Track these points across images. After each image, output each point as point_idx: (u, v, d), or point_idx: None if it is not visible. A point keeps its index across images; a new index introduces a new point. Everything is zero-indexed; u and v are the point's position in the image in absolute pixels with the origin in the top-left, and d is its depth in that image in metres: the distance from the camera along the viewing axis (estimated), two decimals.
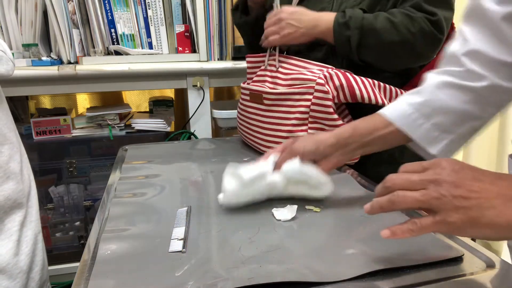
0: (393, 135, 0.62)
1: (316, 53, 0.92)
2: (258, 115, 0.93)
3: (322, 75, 0.81)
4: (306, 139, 0.68)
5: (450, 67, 0.59)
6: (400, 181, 0.45)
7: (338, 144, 0.65)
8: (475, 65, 0.56)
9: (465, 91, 0.58)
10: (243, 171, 0.63)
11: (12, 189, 0.73)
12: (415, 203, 0.43)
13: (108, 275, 0.48)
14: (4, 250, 0.71)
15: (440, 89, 0.59)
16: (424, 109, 0.60)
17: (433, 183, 0.42)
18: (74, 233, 1.53)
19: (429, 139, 0.60)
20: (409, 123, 0.61)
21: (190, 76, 1.43)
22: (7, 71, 0.73)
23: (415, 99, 0.61)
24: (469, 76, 0.57)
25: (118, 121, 1.49)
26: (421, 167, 0.45)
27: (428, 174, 0.43)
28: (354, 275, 0.46)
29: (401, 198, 0.44)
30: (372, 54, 0.83)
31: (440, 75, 0.60)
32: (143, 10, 1.42)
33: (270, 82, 0.91)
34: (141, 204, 0.70)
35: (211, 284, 0.45)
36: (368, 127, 0.64)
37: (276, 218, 0.62)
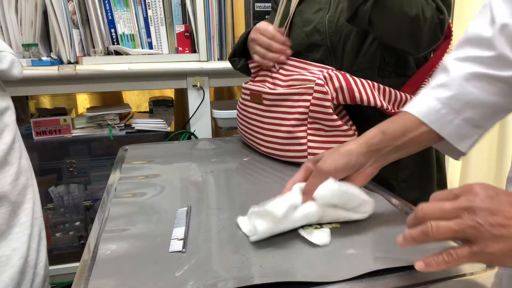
0: (424, 135, 0.57)
1: (314, 54, 0.92)
2: (258, 115, 0.93)
3: (322, 76, 0.81)
4: (331, 154, 0.60)
5: (477, 51, 0.55)
6: (432, 211, 0.42)
7: (370, 151, 0.59)
8: (506, 47, 0.52)
9: (495, 81, 0.54)
10: (273, 207, 0.54)
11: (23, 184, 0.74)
12: (450, 234, 0.40)
13: (108, 275, 0.48)
14: (18, 244, 0.72)
15: (468, 81, 0.54)
16: (454, 104, 0.55)
17: (467, 210, 0.39)
18: (74, 233, 1.53)
19: (459, 135, 0.56)
20: (439, 119, 0.55)
21: (190, 76, 1.44)
22: (19, 73, 0.77)
23: (443, 94, 0.55)
24: (499, 63, 0.53)
25: (118, 121, 1.49)
26: (452, 194, 0.42)
27: (461, 201, 0.40)
28: (354, 275, 0.46)
29: (434, 229, 0.40)
30: (383, 16, 0.77)
31: (466, 64, 0.55)
32: (143, 10, 1.42)
33: (270, 83, 0.91)
34: (141, 204, 0.70)
35: (211, 284, 0.45)
36: (398, 128, 0.58)
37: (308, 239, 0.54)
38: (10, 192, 0.70)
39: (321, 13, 0.90)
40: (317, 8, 0.91)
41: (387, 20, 0.77)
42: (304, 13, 0.93)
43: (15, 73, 0.76)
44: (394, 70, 0.88)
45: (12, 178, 0.71)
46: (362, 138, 0.60)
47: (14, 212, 0.72)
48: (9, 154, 0.72)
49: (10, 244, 0.70)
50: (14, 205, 0.71)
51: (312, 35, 0.91)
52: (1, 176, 0.69)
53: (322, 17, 0.89)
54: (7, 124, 0.73)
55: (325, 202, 0.56)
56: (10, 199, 0.70)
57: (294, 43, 0.95)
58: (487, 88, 0.54)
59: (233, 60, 1.02)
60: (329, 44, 0.89)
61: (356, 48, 0.86)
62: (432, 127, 0.56)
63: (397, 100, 0.85)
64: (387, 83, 0.85)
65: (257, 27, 0.92)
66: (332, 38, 0.88)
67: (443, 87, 0.56)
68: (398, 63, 0.87)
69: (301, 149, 0.85)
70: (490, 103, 0.54)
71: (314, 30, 0.90)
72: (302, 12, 0.93)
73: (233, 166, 0.92)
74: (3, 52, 0.75)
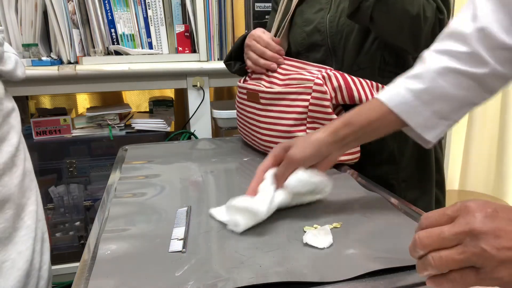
0: (391, 123, 0.60)
1: (315, 54, 0.92)
2: (255, 114, 0.93)
3: (321, 75, 0.81)
4: (301, 143, 0.62)
5: (453, 45, 0.57)
6: (431, 241, 0.38)
7: (337, 141, 0.62)
8: (481, 47, 0.55)
9: (466, 77, 0.56)
10: (255, 205, 0.57)
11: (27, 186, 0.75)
12: (454, 265, 0.37)
13: (108, 275, 0.48)
14: (23, 247, 0.71)
15: (441, 75, 0.57)
16: (424, 97, 0.58)
17: (468, 236, 0.36)
18: (74, 233, 1.53)
19: (427, 126, 0.59)
20: (409, 110, 0.58)
21: (190, 76, 1.44)
22: (22, 74, 0.78)
23: (416, 85, 0.58)
24: (472, 60, 0.56)
25: (118, 121, 1.49)
26: (446, 216, 0.39)
27: (460, 225, 0.37)
28: (354, 275, 0.46)
29: (437, 262, 0.37)
30: (385, 13, 0.78)
31: (442, 57, 0.58)
32: (143, 10, 1.42)
33: (267, 81, 0.91)
34: (141, 204, 0.70)
35: (211, 284, 0.45)
36: (365, 118, 0.61)
37: (313, 245, 0.54)
38: (16, 194, 0.70)
39: (322, 13, 0.90)
40: (318, 8, 0.91)
41: (389, 17, 0.78)
42: (304, 13, 0.93)
43: (19, 74, 0.77)
44: (394, 70, 0.88)
45: (19, 180, 0.71)
46: (330, 128, 0.62)
47: (19, 215, 0.72)
48: (16, 156, 0.72)
49: (16, 247, 0.70)
50: (19, 208, 0.71)
51: (312, 35, 0.91)
52: (8, 178, 0.69)
53: (323, 17, 0.89)
54: (13, 125, 0.73)
55: (295, 191, 0.61)
56: (15, 201, 0.70)
57: (294, 43, 0.95)
58: (458, 82, 0.57)
59: (228, 63, 1.02)
60: (329, 44, 0.89)
61: (357, 48, 0.86)
62: (402, 116, 0.59)
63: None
64: (387, 82, 0.85)
65: (252, 33, 0.92)
66: (333, 38, 0.88)
67: (417, 79, 0.59)
68: (398, 62, 0.87)
69: None
70: (459, 97, 0.57)
71: (315, 30, 0.90)
72: (302, 12, 0.93)
73: (233, 166, 0.92)
74: (7, 53, 0.75)
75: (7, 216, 0.68)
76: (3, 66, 0.72)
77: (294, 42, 0.95)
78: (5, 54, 0.74)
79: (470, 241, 0.36)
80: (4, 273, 0.67)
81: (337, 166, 0.87)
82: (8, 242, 0.68)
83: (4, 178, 0.68)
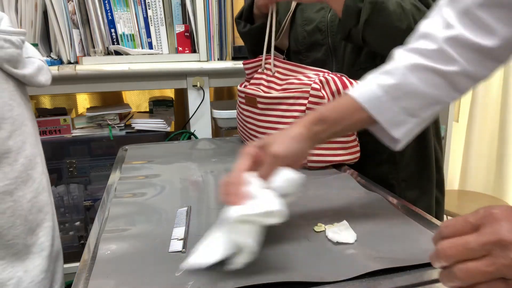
0: (361, 119, 0.60)
1: (315, 53, 0.92)
2: (253, 118, 0.93)
3: (318, 80, 0.81)
4: (280, 139, 0.57)
5: (423, 44, 0.58)
6: (455, 252, 0.36)
7: (313, 137, 0.59)
8: (450, 46, 0.56)
9: (435, 74, 0.57)
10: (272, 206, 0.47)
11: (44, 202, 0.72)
12: (482, 277, 0.35)
13: (108, 275, 0.48)
14: (32, 266, 0.68)
15: (411, 71, 0.58)
16: (394, 92, 0.58)
17: (497, 246, 0.34)
18: (74, 233, 1.53)
19: (394, 122, 0.59)
20: (378, 105, 0.58)
21: (190, 76, 1.43)
22: (46, 80, 0.76)
23: (386, 81, 0.58)
24: (441, 57, 0.57)
25: (118, 121, 1.49)
26: (469, 224, 0.36)
27: (486, 234, 0.35)
28: (354, 275, 0.46)
29: (464, 275, 0.35)
30: (376, 34, 0.79)
31: (411, 54, 0.59)
32: (143, 10, 1.42)
33: (266, 86, 0.91)
34: (141, 204, 0.70)
35: (211, 284, 0.45)
36: (338, 115, 0.60)
37: (343, 242, 0.54)
38: (28, 210, 0.67)
39: (322, 12, 0.90)
40: (318, 7, 0.91)
41: (380, 36, 0.79)
42: (305, 11, 0.93)
43: (42, 80, 0.74)
44: None
45: (32, 195, 0.68)
46: (305, 123, 0.59)
47: (32, 231, 0.68)
48: (32, 168, 0.69)
49: (24, 264, 0.66)
50: (33, 223, 0.68)
51: (313, 34, 0.91)
52: (22, 193, 0.65)
53: (324, 16, 0.89)
54: (28, 136, 0.70)
55: (283, 193, 0.53)
56: (27, 217, 0.66)
57: (295, 41, 0.95)
58: (427, 80, 0.57)
59: (238, 21, 1.00)
60: (330, 44, 0.89)
61: (357, 48, 0.86)
62: (371, 112, 0.58)
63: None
64: None
65: None
66: (334, 37, 0.88)
67: (387, 74, 0.59)
68: None
69: None
70: (428, 95, 0.58)
71: (316, 29, 0.90)
72: (303, 10, 0.93)
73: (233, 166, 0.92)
74: (31, 58, 0.73)
75: (16, 232, 0.65)
76: (20, 70, 0.69)
77: (295, 41, 0.95)
78: (28, 59, 0.72)
79: (499, 252, 0.34)
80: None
81: (337, 166, 0.87)
82: (15, 259, 0.65)
83: (17, 193, 0.65)
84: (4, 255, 0.63)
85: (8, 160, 0.64)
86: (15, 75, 0.69)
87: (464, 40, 0.56)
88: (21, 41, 0.68)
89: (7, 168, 0.64)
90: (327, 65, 0.90)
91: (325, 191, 0.74)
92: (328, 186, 0.77)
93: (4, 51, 0.64)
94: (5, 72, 0.67)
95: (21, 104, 0.71)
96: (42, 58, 0.78)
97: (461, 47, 0.56)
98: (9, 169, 0.64)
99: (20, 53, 0.68)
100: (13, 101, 0.67)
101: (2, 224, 0.63)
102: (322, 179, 0.80)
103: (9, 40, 0.64)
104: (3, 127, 0.63)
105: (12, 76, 0.69)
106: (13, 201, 0.64)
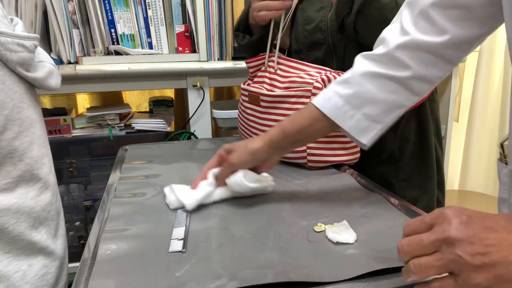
0: (325, 127, 0.64)
1: (316, 52, 0.92)
2: (256, 116, 0.93)
3: (320, 78, 0.81)
4: (239, 150, 0.68)
5: (377, 50, 0.61)
6: (411, 248, 0.40)
7: (272, 148, 0.67)
8: (402, 51, 0.59)
9: (391, 80, 0.60)
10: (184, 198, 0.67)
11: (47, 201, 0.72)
12: (433, 271, 0.39)
13: (108, 275, 0.48)
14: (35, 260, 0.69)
15: (367, 79, 0.61)
16: (354, 101, 0.61)
17: (444, 243, 0.38)
18: (74, 233, 1.53)
19: (359, 129, 0.62)
20: (341, 115, 0.62)
21: (190, 76, 1.43)
22: (56, 84, 0.78)
23: (345, 90, 0.62)
24: (393, 63, 0.59)
25: (118, 121, 1.49)
26: (425, 223, 0.41)
27: (437, 232, 0.39)
28: (354, 275, 0.46)
29: (417, 268, 0.39)
30: (367, 25, 0.79)
31: (367, 61, 0.62)
32: (143, 10, 1.42)
33: (268, 84, 0.91)
34: (141, 204, 0.70)
35: (211, 284, 0.45)
36: (299, 125, 0.66)
37: (344, 242, 0.55)
38: (31, 207, 0.68)
39: (323, 12, 0.90)
40: (319, 6, 0.91)
41: (371, 27, 0.78)
42: (305, 11, 0.93)
43: (52, 84, 0.77)
44: None
45: (35, 193, 0.69)
46: (266, 136, 0.68)
47: (35, 228, 0.69)
48: (36, 169, 0.69)
49: (28, 259, 0.68)
50: (36, 221, 0.69)
51: (314, 34, 0.91)
52: (24, 191, 0.67)
53: (324, 16, 0.89)
54: (36, 137, 0.71)
55: (235, 191, 0.69)
56: (32, 214, 0.69)
57: (296, 41, 0.95)
58: (384, 86, 0.60)
59: (237, 34, 1.00)
60: (330, 43, 0.89)
61: (357, 47, 0.86)
62: (335, 121, 0.62)
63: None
64: None
65: None
66: (334, 37, 0.88)
67: (346, 84, 0.63)
68: None
69: (301, 150, 0.85)
70: (387, 100, 0.61)
71: (317, 29, 0.90)
72: (303, 10, 0.93)
73: None
74: (42, 62, 0.75)
75: (21, 228, 0.67)
76: (32, 73, 0.71)
77: (296, 40, 0.95)
78: (40, 63, 0.73)
79: (446, 248, 0.38)
80: (13, 285, 0.65)
81: (337, 166, 0.87)
82: (20, 253, 0.67)
83: (19, 190, 0.66)
84: (9, 249, 0.65)
85: (12, 160, 0.65)
86: (27, 78, 0.71)
87: (416, 43, 0.58)
88: (33, 45, 0.70)
89: (10, 168, 0.65)
90: (327, 64, 0.90)
91: (325, 191, 0.74)
92: (328, 186, 0.77)
93: (17, 55, 0.66)
94: (17, 75, 0.68)
95: (31, 106, 0.72)
96: (53, 63, 0.80)
97: (413, 51, 0.58)
98: (11, 168, 0.65)
99: (32, 57, 0.70)
100: (23, 103, 0.69)
101: (8, 219, 0.64)
102: (322, 179, 0.80)
103: (22, 44, 0.66)
104: (11, 128, 0.65)
105: (24, 79, 0.70)
106: (16, 198, 0.66)
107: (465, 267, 0.37)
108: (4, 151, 0.64)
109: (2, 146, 0.64)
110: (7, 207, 0.64)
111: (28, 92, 0.72)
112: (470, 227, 0.37)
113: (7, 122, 0.64)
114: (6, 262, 0.65)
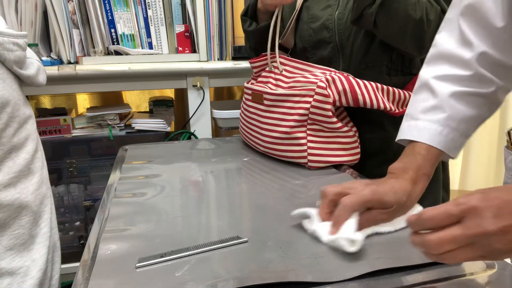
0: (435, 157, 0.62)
1: (321, 51, 0.92)
2: (258, 115, 0.93)
3: (324, 78, 0.81)
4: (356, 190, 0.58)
5: (455, 71, 0.61)
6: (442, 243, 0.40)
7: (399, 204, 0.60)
8: (484, 69, 0.59)
9: (476, 97, 0.61)
10: None
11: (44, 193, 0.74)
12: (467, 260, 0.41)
13: (108, 275, 0.48)
14: (38, 255, 0.71)
15: (458, 100, 0.61)
16: (451, 123, 0.61)
17: (480, 237, 0.39)
18: (74, 233, 1.53)
19: (456, 147, 0.62)
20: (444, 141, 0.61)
21: (190, 76, 1.43)
22: (44, 80, 0.80)
23: (440, 115, 0.61)
24: (477, 81, 0.60)
25: (118, 121, 1.49)
26: (452, 216, 0.41)
27: (470, 227, 0.39)
28: (354, 275, 0.46)
29: (451, 261, 0.41)
30: (388, 18, 0.79)
31: (447, 83, 0.61)
32: (143, 10, 1.42)
33: (273, 84, 0.91)
34: (141, 204, 0.70)
35: (211, 284, 0.45)
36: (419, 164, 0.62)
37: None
38: (32, 202, 0.69)
39: (329, 10, 0.89)
40: (325, 5, 0.91)
41: (392, 22, 0.78)
42: (311, 9, 0.93)
43: (40, 80, 0.78)
44: (401, 69, 0.88)
45: (35, 187, 0.70)
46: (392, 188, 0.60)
47: (36, 222, 0.71)
48: (32, 163, 0.71)
49: (31, 254, 0.69)
50: (36, 215, 0.71)
51: (320, 32, 0.90)
52: (24, 186, 0.68)
53: (331, 14, 0.89)
54: (30, 132, 0.73)
55: None
56: (32, 208, 0.69)
57: (301, 39, 0.95)
58: (471, 103, 0.61)
59: (244, 18, 0.99)
60: (337, 42, 0.89)
61: (365, 47, 0.86)
62: (441, 148, 0.61)
63: (401, 100, 0.85)
64: (395, 81, 0.86)
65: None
66: (341, 35, 0.88)
67: (437, 109, 0.62)
68: (404, 62, 0.88)
69: (301, 149, 0.85)
70: (476, 115, 0.62)
71: (323, 27, 0.90)
72: (309, 8, 0.93)
73: (233, 166, 0.92)
74: (30, 59, 0.76)
75: (22, 222, 0.67)
76: (25, 71, 0.72)
77: (301, 38, 0.95)
78: (28, 60, 0.75)
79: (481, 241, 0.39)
80: (18, 280, 0.66)
81: (337, 166, 0.87)
82: (24, 249, 0.68)
83: (20, 185, 0.67)
84: (12, 245, 0.66)
85: (12, 155, 0.67)
86: (21, 76, 0.72)
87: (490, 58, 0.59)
88: (25, 43, 0.71)
89: (11, 163, 0.67)
90: (333, 63, 0.90)
91: None
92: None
93: (13, 54, 0.67)
94: (13, 73, 0.69)
95: (25, 102, 0.74)
96: (37, 58, 0.81)
97: (490, 65, 0.60)
98: (12, 164, 0.67)
99: (25, 55, 0.72)
100: (20, 100, 0.70)
101: (10, 214, 0.65)
102: (322, 179, 0.80)
103: (17, 43, 0.67)
104: (11, 125, 0.66)
105: (18, 77, 0.71)
106: (18, 193, 0.67)
107: (500, 256, 0.40)
108: (6, 148, 0.65)
109: (3, 142, 0.65)
110: (10, 203, 0.65)
111: (20, 89, 0.73)
112: (502, 218, 0.39)
113: (9, 119, 0.66)
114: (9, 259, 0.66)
